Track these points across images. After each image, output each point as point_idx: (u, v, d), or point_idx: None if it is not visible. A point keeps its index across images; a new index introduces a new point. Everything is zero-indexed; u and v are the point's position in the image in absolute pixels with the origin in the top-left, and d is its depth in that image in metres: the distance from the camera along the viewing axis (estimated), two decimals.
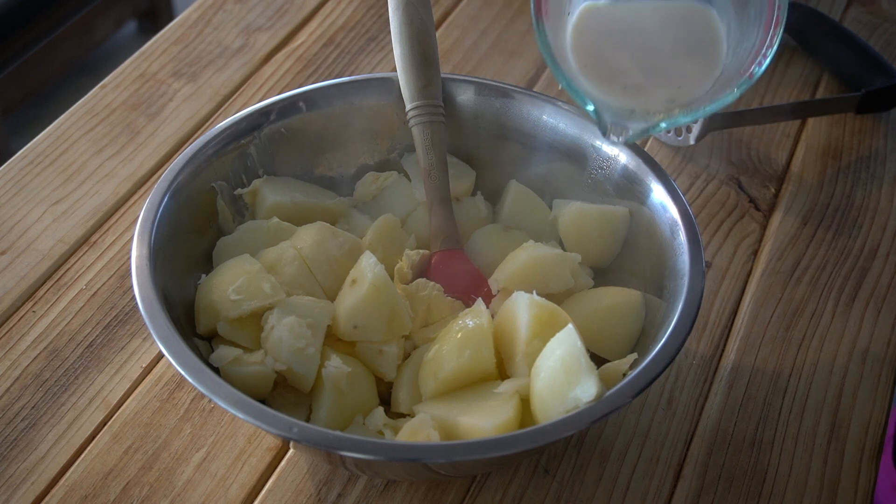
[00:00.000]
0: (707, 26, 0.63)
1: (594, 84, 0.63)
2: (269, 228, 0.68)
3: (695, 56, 0.64)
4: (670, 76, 0.64)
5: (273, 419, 0.53)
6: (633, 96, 0.63)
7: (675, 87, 0.63)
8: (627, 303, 0.66)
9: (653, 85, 0.64)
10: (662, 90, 0.64)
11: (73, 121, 0.88)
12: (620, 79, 0.64)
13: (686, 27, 0.64)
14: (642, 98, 0.63)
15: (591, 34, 0.64)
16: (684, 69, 0.64)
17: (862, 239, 0.82)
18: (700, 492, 0.65)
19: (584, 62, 0.63)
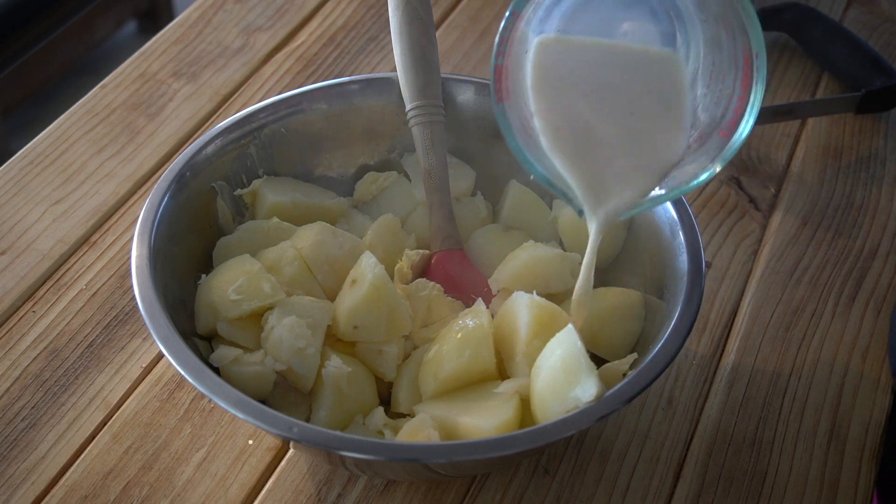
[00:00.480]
0: (672, 76, 0.57)
1: (565, 164, 0.58)
2: (269, 228, 0.68)
3: (664, 113, 0.58)
4: (644, 144, 0.57)
5: (273, 419, 0.53)
6: (609, 179, 0.58)
7: (651, 158, 0.57)
8: (627, 303, 0.66)
9: (628, 159, 0.57)
10: (639, 166, 0.57)
11: (73, 121, 0.88)
12: (593, 156, 0.57)
13: (652, 78, 0.58)
14: (619, 181, 0.58)
15: (555, 94, 0.57)
16: (655, 132, 0.57)
17: (862, 239, 0.82)
18: (700, 492, 0.65)
19: (552, 137, 0.57)
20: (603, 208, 0.58)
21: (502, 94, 0.56)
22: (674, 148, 0.57)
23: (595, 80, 0.58)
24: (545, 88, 0.57)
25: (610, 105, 0.57)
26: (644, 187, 0.57)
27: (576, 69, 0.58)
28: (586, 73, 0.58)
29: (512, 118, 0.57)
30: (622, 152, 0.57)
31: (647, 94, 0.58)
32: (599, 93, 0.57)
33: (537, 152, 0.57)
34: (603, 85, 0.58)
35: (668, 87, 0.57)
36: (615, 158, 0.57)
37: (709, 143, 0.56)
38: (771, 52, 0.99)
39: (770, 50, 1.00)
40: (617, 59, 0.58)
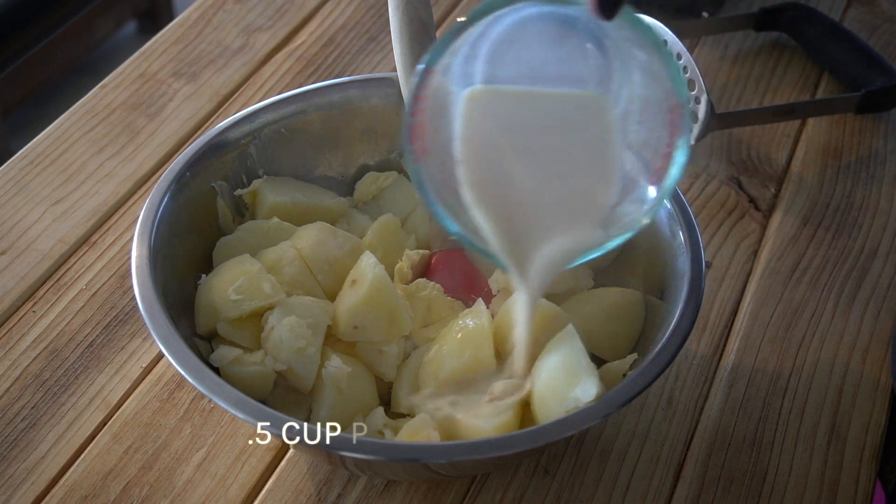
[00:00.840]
0: (600, 120, 0.54)
1: (487, 220, 0.55)
2: (269, 228, 0.68)
3: (592, 163, 0.55)
4: (571, 199, 0.55)
5: (273, 419, 0.53)
6: (533, 237, 0.55)
7: (580, 212, 0.55)
8: (627, 303, 0.66)
9: (554, 216, 0.55)
10: (567, 221, 0.55)
11: (73, 121, 0.88)
12: (516, 214, 0.55)
13: (579, 126, 0.54)
14: (544, 239, 0.55)
15: (483, 148, 0.55)
16: (583, 184, 0.55)
17: (862, 239, 0.82)
18: (700, 492, 0.65)
19: (476, 191, 0.54)
20: (528, 269, 0.55)
21: (418, 153, 0.53)
22: (602, 198, 0.55)
23: (521, 132, 0.55)
24: (473, 142, 0.55)
25: (535, 159, 0.55)
26: (574, 243, 0.55)
27: (504, 121, 0.55)
28: (513, 126, 0.55)
29: (432, 174, 0.54)
30: (548, 209, 0.55)
31: (574, 145, 0.55)
32: (525, 146, 0.55)
33: (458, 208, 0.55)
34: (529, 137, 0.55)
35: (595, 133, 0.55)
36: (540, 215, 0.55)
37: (640, 188, 0.54)
38: (771, 52, 0.99)
39: (770, 50, 1.00)
40: (543, 109, 0.55)
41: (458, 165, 0.55)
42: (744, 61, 0.98)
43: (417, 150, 0.53)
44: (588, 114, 0.55)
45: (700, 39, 1.00)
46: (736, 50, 0.99)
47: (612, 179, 0.55)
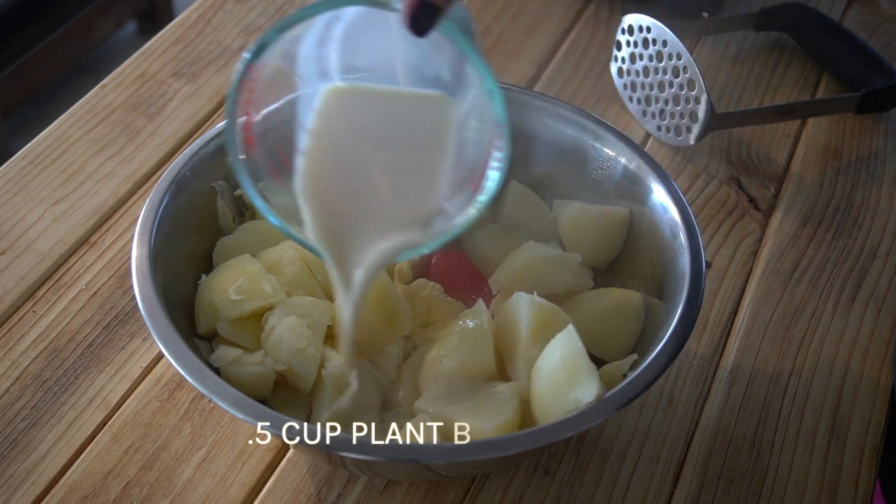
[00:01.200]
0: (439, 121, 0.55)
1: (314, 211, 0.56)
2: (269, 228, 0.68)
3: (426, 162, 0.56)
4: (403, 197, 0.56)
5: (273, 419, 0.53)
6: (357, 232, 0.56)
7: (408, 211, 0.56)
8: (627, 304, 0.66)
9: (383, 214, 0.56)
10: (394, 219, 0.56)
11: (73, 121, 0.88)
12: (347, 208, 0.56)
13: (418, 126, 0.55)
14: (369, 235, 0.56)
15: (329, 144, 0.56)
16: (415, 182, 0.56)
17: (862, 239, 0.82)
18: (700, 492, 0.65)
19: (310, 184, 0.56)
20: (348, 264, 0.57)
21: (244, 146, 0.54)
22: (429, 202, 0.56)
23: (368, 132, 0.56)
24: (323, 138, 0.56)
25: (374, 159, 0.56)
26: (395, 243, 0.56)
27: (355, 120, 0.56)
28: (362, 125, 0.56)
29: (256, 163, 0.55)
30: (377, 209, 0.56)
31: (410, 148, 0.56)
32: (368, 146, 0.56)
33: (284, 195, 0.56)
34: (373, 138, 0.56)
35: (432, 137, 0.55)
36: (369, 214, 0.56)
37: (465, 193, 0.55)
38: (771, 52, 0.99)
39: (770, 50, 1.00)
40: (391, 109, 0.55)
41: (300, 156, 0.56)
42: (744, 61, 0.98)
43: (244, 141, 0.54)
44: (429, 116, 0.55)
45: (700, 39, 1.00)
46: (736, 50, 1.00)
47: (440, 184, 0.56)
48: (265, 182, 0.56)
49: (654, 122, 0.89)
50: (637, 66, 0.89)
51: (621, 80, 0.92)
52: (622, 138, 0.70)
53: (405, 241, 0.56)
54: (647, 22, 0.86)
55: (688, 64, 0.82)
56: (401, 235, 0.56)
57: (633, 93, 0.90)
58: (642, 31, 0.87)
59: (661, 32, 0.85)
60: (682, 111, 0.85)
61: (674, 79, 0.84)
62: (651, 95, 0.88)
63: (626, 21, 0.89)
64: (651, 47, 0.86)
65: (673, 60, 0.84)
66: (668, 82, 0.85)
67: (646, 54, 0.87)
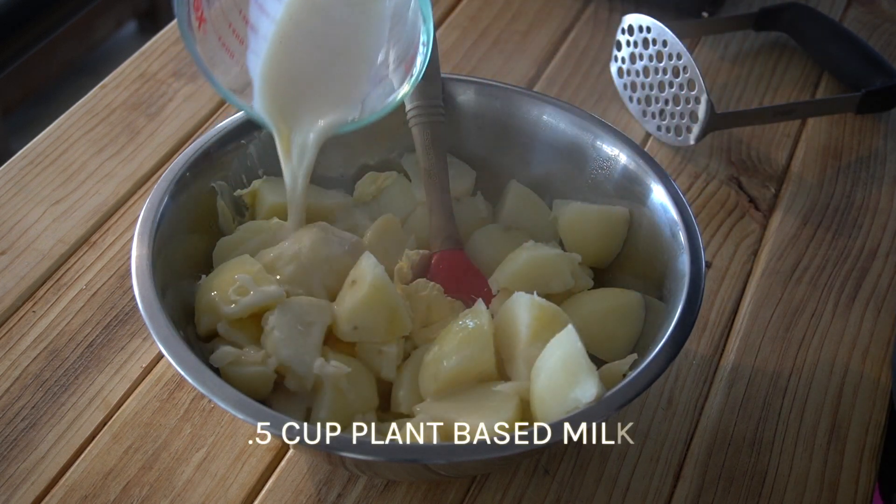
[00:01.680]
0: (370, 9, 0.62)
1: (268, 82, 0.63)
2: (269, 228, 0.68)
3: (354, 46, 0.63)
4: (335, 77, 0.64)
5: (273, 419, 0.53)
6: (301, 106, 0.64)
7: (341, 89, 0.64)
8: (627, 304, 0.66)
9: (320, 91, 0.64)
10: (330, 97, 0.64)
11: (73, 121, 0.88)
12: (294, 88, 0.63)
13: (352, 13, 0.63)
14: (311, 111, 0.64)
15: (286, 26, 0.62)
16: (345, 63, 0.63)
17: (862, 239, 0.82)
18: (700, 492, 0.65)
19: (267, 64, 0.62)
20: (291, 135, 0.64)
21: (195, 21, 0.59)
22: (362, 77, 0.64)
23: (315, 18, 0.62)
24: (281, 24, 0.62)
25: (317, 42, 0.63)
26: (332, 118, 0.64)
27: (308, 8, 0.62)
28: (313, 12, 0.62)
29: (206, 39, 0.60)
30: (317, 86, 0.63)
31: (348, 31, 0.63)
32: (314, 30, 0.62)
33: (233, 70, 0.62)
34: (318, 23, 0.62)
35: (366, 21, 0.62)
36: (310, 90, 0.63)
37: (399, 71, 0.63)
38: (771, 52, 0.99)
39: (770, 50, 1.00)
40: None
41: (256, 37, 0.62)
42: (744, 61, 0.98)
43: (196, 18, 0.59)
44: (365, 6, 0.62)
45: (700, 39, 1.00)
46: (736, 50, 1.00)
47: (367, 66, 0.64)
48: (216, 55, 0.62)
49: (654, 122, 0.89)
50: (637, 66, 0.89)
51: (621, 80, 0.92)
52: (622, 138, 0.70)
53: (341, 115, 0.64)
54: (647, 22, 0.86)
55: (688, 64, 0.82)
56: (337, 110, 0.64)
57: (633, 93, 0.90)
58: (642, 31, 0.87)
59: (661, 32, 0.85)
60: (682, 111, 0.85)
61: (674, 79, 0.84)
62: (651, 95, 0.88)
63: (626, 21, 0.89)
64: (651, 47, 0.86)
65: (673, 60, 0.84)
66: (668, 82, 0.85)
67: (646, 54, 0.87)
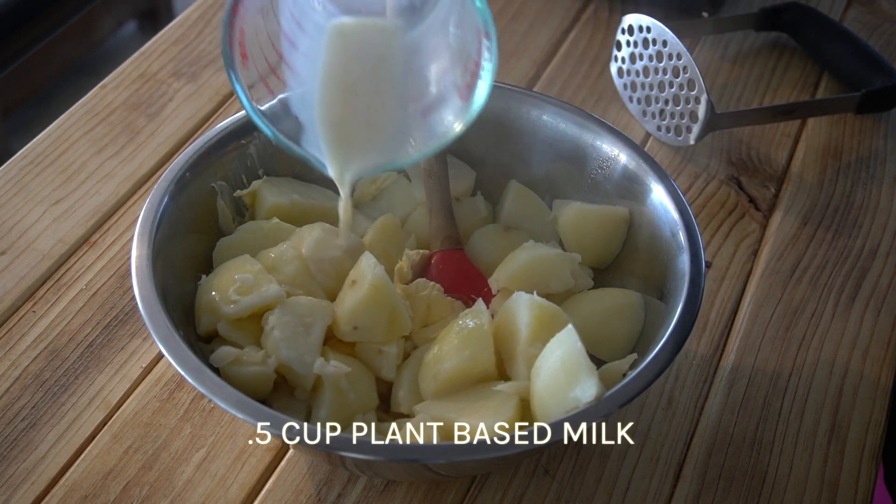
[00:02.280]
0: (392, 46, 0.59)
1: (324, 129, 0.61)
2: (269, 229, 0.68)
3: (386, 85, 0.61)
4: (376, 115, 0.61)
5: (273, 419, 0.53)
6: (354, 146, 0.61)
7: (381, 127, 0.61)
8: (627, 304, 0.66)
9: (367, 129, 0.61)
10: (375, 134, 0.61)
11: (73, 121, 0.88)
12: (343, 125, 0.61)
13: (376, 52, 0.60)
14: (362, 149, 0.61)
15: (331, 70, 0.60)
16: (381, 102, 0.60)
17: (862, 239, 0.82)
18: (700, 492, 0.65)
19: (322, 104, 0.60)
20: (346, 173, 0.61)
21: (238, 58, 0.57)
22: (395, 116, 0.60)
23: (354, 60, 0.60)
24: (327, 68, 0.59)
25: (359, 83, 0.60)
26: (386, 155, 0.61)
27: (350, 51, 0.59)
28: (351, 55, 0.60)
29: (249, 77, 0.58)
30: (365, 125, 0.60)
31: (373, 70, 0.60)
32: (355, 72, 0.60)
33: (277, 110, 0.60)
34: (357, 65, 0.60)
35: (386, 59, 0.59)
36: (358, 131, 0.60)
37: (449, 103, 0.59)
38: (771, 52, 0.99)
39: (770, 50, 1.00)
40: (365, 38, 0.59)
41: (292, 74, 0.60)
42: (744, 61, 0.98)
43: (237, 54, 0.56)
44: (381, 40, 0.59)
45: (700, 39, 1.00)
46: (736, 50, 1.00)
47: (402, 104, 0.61)
48: (257, 91, 0.60)
49: (654, 122, 0.89)
50: (637, 66, 0.89)
51: (621, 80, 0.92)
52: (622, 138, 0.70)
53: (391, 153, 0.61)
54: (647, 22, 0.86)
55: (688, 64, 0.82)
56: (388, 148, 0.61)
57: (633, 93, 0.90)
58: (642, 31, 0.87)
59: (661, 32, 0.85)
60: (682, 111, 0.85)
61: (674, 79, 0.84)
62: (651, 95, 0.88)
63: (626, 21, 0.89)
64: (651, 47, 0.86)
65: (673, 60, 0.84)
66: (668, 82, 0.85)
67: (646, 54, 0.87)
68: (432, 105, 0.60)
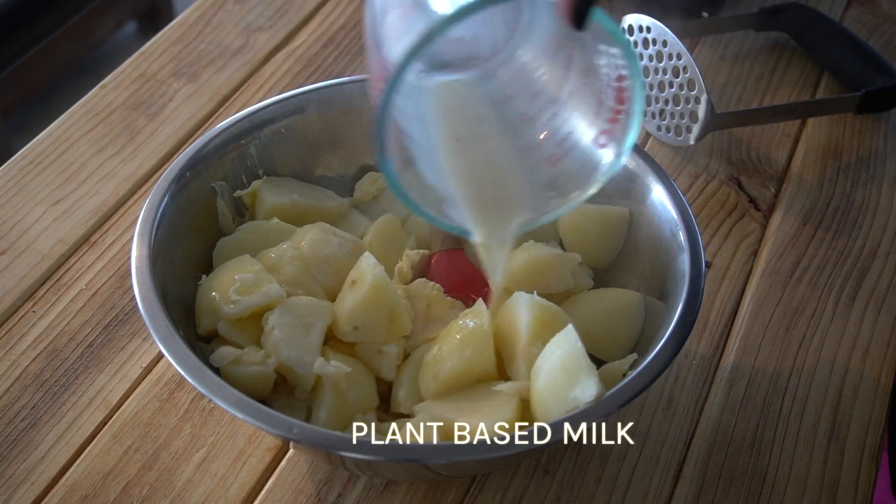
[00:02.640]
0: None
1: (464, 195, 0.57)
2: (269, 229, 0.68)
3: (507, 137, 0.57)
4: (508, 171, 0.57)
5: (273, 419, 0.53)
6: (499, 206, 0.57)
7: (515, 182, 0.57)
8: (627, 304, 0.66)
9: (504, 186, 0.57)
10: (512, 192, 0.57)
11: (73, 121, 0.88)
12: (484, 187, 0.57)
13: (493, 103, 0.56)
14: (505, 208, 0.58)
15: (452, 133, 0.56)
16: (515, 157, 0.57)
17: (862, 239, 0.82)
18: (700, 492, 0.65)
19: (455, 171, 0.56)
20: (502, 237, 0.58)
21: (395, 160, 0.52)
22: (516, 170, 0.57)
23: (467, 118, 0.56)
24: (446, 132, 0.56)
25: (483, 142, 0.56)
26: (534, 212, 0.58)
27: (461, 110, 0.56)
28: (464, 113, 0.56)
29: (405, 174, 0.53)
30: (502, 185, 0.57)
31: (476, 127, 0.56)
32: (473, 130, 0.56)
33: (429, 194, 0.55)
34: (474, 123, 0.56)
35: (480, 114, 0.56)
36: (499, 191, 0.57)
37: (578, 153, 0.56)
38: (771, 52, 0.99)
39: (770, 50, 1.00)
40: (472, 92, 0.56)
41: (412, 142, 0.55)
42: (744, 61, 0.98)
43: (394, 156, 0.51)
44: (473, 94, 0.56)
45: (700, 39, 1.00)
46: (736, 50, 0.99)
47: (525, 149, 0.57)
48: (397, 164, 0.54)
49: (654, 122, 0.89)
50: None
51: None
52: None
53: (536, 210, 0.58)
54: (647, 22, 0.86)
55: (688, 64, 0.82)
56: (532, 205, 0.58)
57: None
58: (642, 31, 0.87)
59: (661, 32, 0.85)
60: (682, 111, 0.85)
61: (674, 79, 0.84)
62: (651, 95, 0.88)
63: (626, 21, 0.89)
64: (651, 47, 0.86)
65: (673, 60, 0.84)
66: (668, 82, 0.85)
67: (646, 54, 0.87)
68: (556, 153, 0.56)
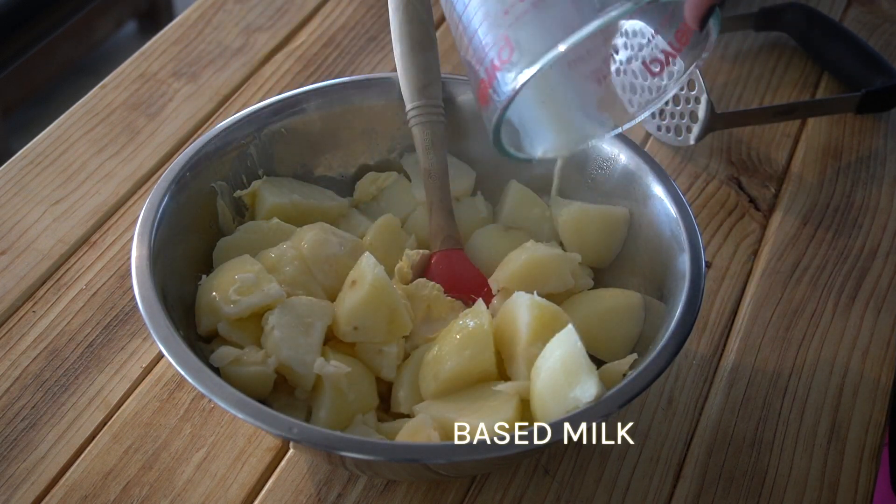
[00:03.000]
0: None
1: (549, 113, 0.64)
2: (269, 229, 0.68)
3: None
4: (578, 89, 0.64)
5: (273, 419, 0.53)
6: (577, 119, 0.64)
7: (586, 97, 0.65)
8: (627, 305, 0.66)
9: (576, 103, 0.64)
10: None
11: (73, 121, 0.88)
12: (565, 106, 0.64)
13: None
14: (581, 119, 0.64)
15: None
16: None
17: (862, 239, 0.82)
18: (700, 492, 0.65)
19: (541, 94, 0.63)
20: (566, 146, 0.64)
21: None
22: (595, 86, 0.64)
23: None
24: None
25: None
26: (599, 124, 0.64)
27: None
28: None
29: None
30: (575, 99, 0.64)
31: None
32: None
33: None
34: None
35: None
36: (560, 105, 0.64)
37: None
38: (771, 52, 0.99)
39: (770, 50, 1.00)
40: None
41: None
42: (744, 61, 0.98)
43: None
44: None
45: None
46: (736, 50, 0.99)
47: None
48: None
49: (654, 122, 0.89)
50: None
51: None
52: (622, 138, 0.70)
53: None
54: None
55: None
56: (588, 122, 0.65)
57: None
58: None
59: None
60: (682, 111, 0.85)
61: None
62: None
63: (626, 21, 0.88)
64: None
65: None
66: None
67: None
68: (602, 69, 0.64)
